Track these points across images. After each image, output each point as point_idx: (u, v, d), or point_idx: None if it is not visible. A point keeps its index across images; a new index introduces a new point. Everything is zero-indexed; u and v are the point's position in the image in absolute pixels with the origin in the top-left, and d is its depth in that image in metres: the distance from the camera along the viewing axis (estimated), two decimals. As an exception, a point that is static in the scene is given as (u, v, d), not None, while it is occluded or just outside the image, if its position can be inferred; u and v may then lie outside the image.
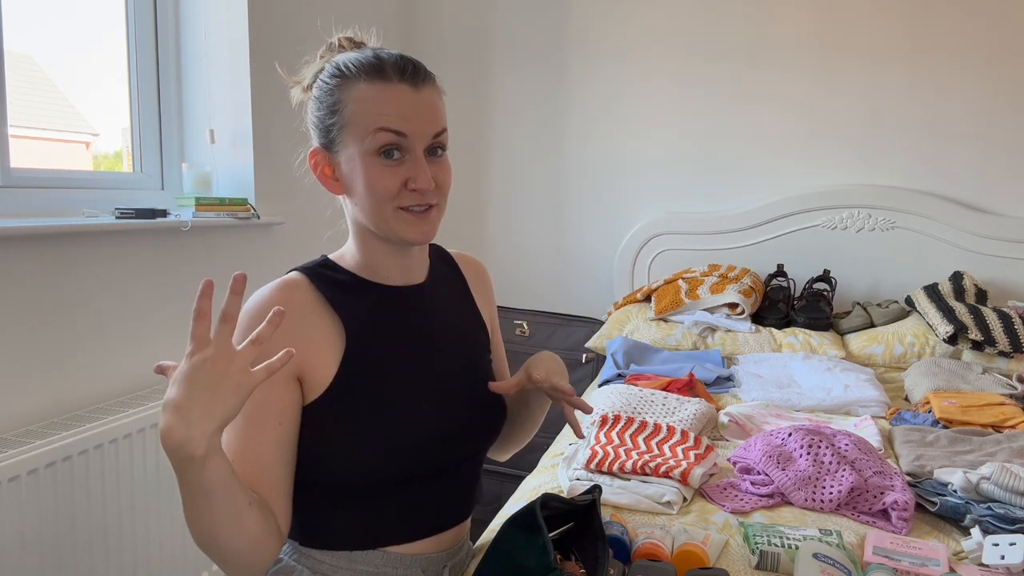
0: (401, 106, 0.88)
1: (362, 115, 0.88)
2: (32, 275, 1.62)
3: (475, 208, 3.12)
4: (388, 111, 0.87)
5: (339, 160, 0.91)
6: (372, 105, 0.88)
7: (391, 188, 0.88)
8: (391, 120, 0.87)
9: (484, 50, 3.01)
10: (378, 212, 0.90)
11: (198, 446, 0.68)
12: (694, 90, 2.80)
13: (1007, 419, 1.69)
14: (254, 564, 0.81)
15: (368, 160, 0.88)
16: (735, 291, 2.40)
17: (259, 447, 0.84)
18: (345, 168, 0.91)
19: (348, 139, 0.89)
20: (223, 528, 0.76)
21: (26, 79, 1.81)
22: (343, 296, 0.93)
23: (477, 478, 1.05)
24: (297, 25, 2.37)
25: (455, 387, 0.98)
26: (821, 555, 1.00)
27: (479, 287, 1.12)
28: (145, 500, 1.73)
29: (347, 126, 0.89)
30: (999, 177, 2.55)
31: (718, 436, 1.71)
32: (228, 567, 0.81)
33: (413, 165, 0.89)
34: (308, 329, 0.89)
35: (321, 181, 0.94)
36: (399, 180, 0.89)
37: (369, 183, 0.88)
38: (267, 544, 0.81)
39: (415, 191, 0.89)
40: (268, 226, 2.31)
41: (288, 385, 0.87)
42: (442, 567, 0.99)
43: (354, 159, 0.89)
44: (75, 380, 1.73)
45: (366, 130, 0.88)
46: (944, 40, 2.53)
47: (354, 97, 0.89)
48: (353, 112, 0.89)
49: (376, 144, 0.87)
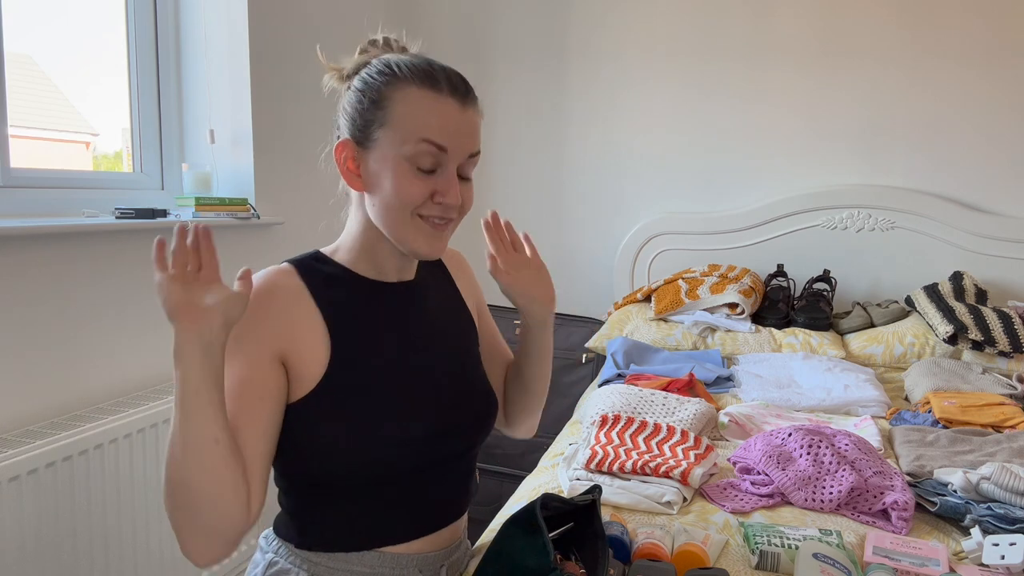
0: (447, 121, 0.87)
1: (407, 119, 0.87)
2: (32, 275, 1.62)
3: (475, 208, 3.12)
4: (435, 122, 0.87)
5: (368, 156, 0.90)
6: (420, 112, 0.87)
7: (418, 198, 0.88)
8: (436, 133, 0.87)
9: (484, 50, 3.02)
10: (397, 217, 0.89)
11: (209, 330, 0.77)
12: (694, 90, 2.80)
13: (1007, 419, 1.69)
14: (213, 523, 0.79)
15: (401, 165, 0.87)
16: (735, 291, 2.40)
17: (238, 420, 0.83)
18: (373, 166, 0.90)
19: (385, 139, 0.88)
20: (189, 453, 0.77)
21: (26, 79, 1.81)
22: (329, 290, 0.92)
23: (471, 475, 1.05)
24: (297, 25, 2.37)
25: (446, 383, 0.98)
26: (821, 555, 1.00)
27: (462, 277, 1.13)
28: (145, 500, 1.73)
29: (388, 125, 0.88)
30: (999, 177, 2.55)
31: (718, 436, 1.71)
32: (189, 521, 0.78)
33: (444, 180, 0.89)
34: (294, 317, 0.89)
35: (343, 173, 0.92)
36: (427, 191, 0.88)
37: (398, 188, 0.88)
38: (231, 500, 0.79)
39: (441, 204, 0.89)
40: (268, 226, 2.31)
41: (272, 365, 0.86)
42: (439, 566, 0.99)
43: (386, 160, 0.88)
44: (75, 380, 1.73)
45: (408, 136, 0.87)
46: (944, 40, 2.54)
47: (402, 98, 0.87)
48: (399, 114, 0.87)
49: (416, 152, 0.87)
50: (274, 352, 0.87)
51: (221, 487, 0.78)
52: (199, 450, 0.77)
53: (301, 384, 0.88)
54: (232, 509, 0.79)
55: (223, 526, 0.79)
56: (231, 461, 0.79)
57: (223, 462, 0.78)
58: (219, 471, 0.78)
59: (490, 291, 3.14)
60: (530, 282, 1.05)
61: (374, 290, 0.96)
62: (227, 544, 0.81)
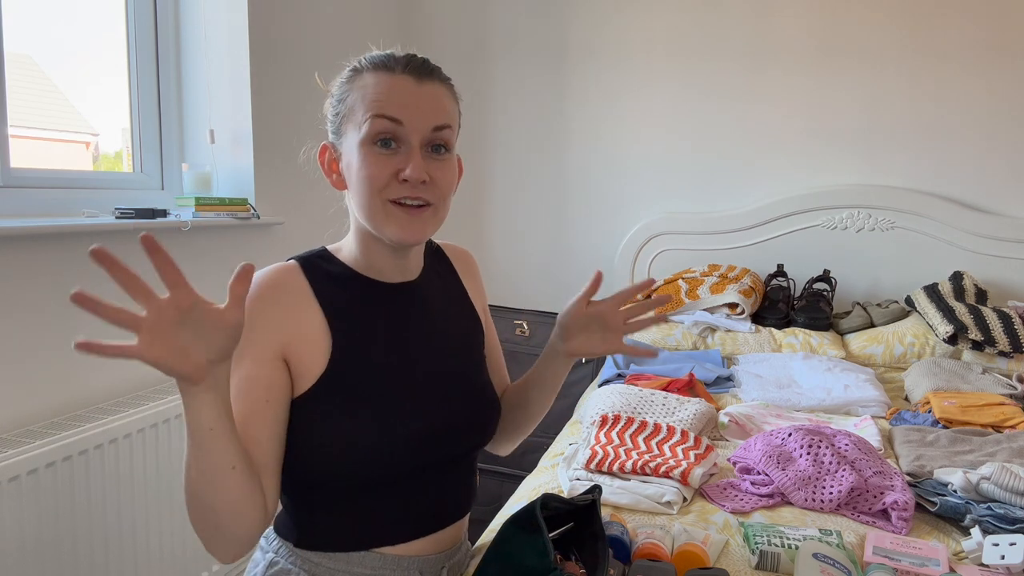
0: (400, 95, 0.88)
1: (362, 102, 0.88)
2: (32, 275, 1.62)
3: (475, 208, 3.12)
4: (387, 98, 0.87)
5: (342, 152, 0.92)
6: (372, 93, 0.88)
7: (381, 177, 0.87)
8: (387, 107, 0.87)
9: (484, 50, 3.01)
10: (369, 205, 0.88)
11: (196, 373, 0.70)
12: (694, 90, 2.80)
13: (1007, 419, 1.69)
14: (236, 533, 0.80)
15: (364, 149, 0.88)
16: (735, 291, 2.40)
17: (247, 421, 0.84)
18: (345, 160, 0.92)
19: (349, 128, 0.90)
20: (208, 481, 0.76)
21: (26, 79, 1.81)
22: (332, 289, 0.93)
23: (472, 475, 1.04)
24: (297, 25, 2.37)
25: (449, 384, 0.98)
26: (821, 555, 1.00)
27: (470, 278, 1.12)
28: (145, 500, 1.73)
29: (348, 114, 0.90)
30: (999, 177, 2.55)
31: (718, 436, 1.71)
32: (213, 533, 0.80)
33: (406, 156, 0.87)
34: (296, 314, 0.89)
35: (326, 175, 0.94)
36: (390, 169, 0.87)
37: (361, 171, 0.87)
38: (249, 514, 0.80)
39: (405, 182, 0.87)
40: (268, 226, 2.31)
41: (275, 364, 0.87)
42: (440, 568, 0.99)
43: (352, 150, 0.89)
44: (75, 380, 1.73)
45: (363, 117, 0.88)
46: (944, 40, 2.53)
47: (358, 86, 0.90)
48: (355, 100, 0.89)
49: (371, 131, 0.87)
50: (276, 350, 0.87)
51: (241, 505, 0.79)
52: (216, 478, 0.77)
53: (301, 381, 0.88)
54: (251, 518, 0.81)
55: (243, 533, 0.81)
56: (248, 480, 0.80)
57: (241, 484, 0.79)
58: (237, 492, 0.78)
59: (490, 290, 3.15)
60: (601, 341, 1.01)
61: (375, 290, 0.96)
62: (250, 543, 0.83)
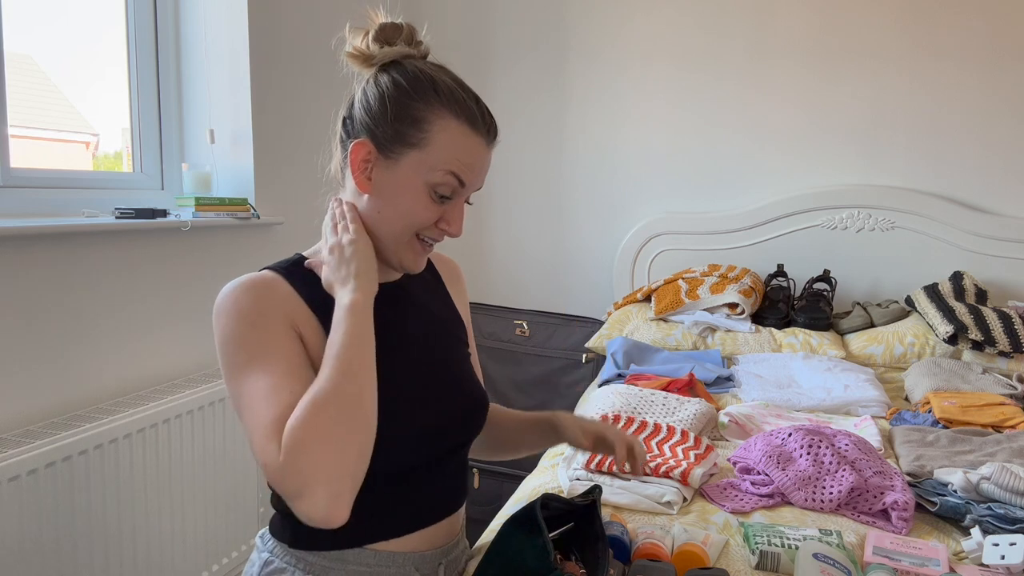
0: (476, 159, 0.91)
1: (443, 151, 0.89)
2: (32, 275, 1.62)
3: (475, 208, 3.12)
4: (466, 160, 0.90)
5: (386, 166, 0.91)
6: (456, 148, 0.89)
7: (427, 223, 0.92)
8: (464, 170, 0.90)
9: (484, 50, 3.02)
10: (399, 233, 0.92)
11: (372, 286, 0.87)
12: (694, 90, 2.80)
13: (1007, 419, 1.69)
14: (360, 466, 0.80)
15: (423, 190, 0.90)
16: (735, 291, 2.40)
17: (293, 393, 0.82)
18: (390, 178, 0.90)
19: (414, 160, 0.89)
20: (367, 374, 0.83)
21: (26, 79, 1.81)
22: (318, 292, 0.92)
23: (464, 471, 1.05)
24: (298, 25, 2.37)
25: (436, 381, 0.99)
26: (821, 555, 1.00)
27: (454, 285, 1.14)
28: (145, 500, 1.73)
29: (421, 148, 0.89)
30: (999, 177, 2.55)
31: (718, 436, 1.71)
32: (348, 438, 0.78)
33: (453, 210, 0.93)
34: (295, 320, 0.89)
35: (354, 172, 0.92)
36: (436, 216, 0.92)
37: (411, 209, 0.90)
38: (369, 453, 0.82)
39: (443, 231, 0.93)
40: (268, 226, 2.31)
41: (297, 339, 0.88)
42: (437, 564, 0.99)
43: (408, 179, 0.90)
44: (75, 380, 1.73)
45: (438, 165, 0.89)
46: (945, 40, 2.54)
47: (443, 127, 0.89)
48: (436, 143, 0.89)
49: (440, 182, 0.89)
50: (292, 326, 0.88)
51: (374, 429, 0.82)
52: (371, 368, 0.83)
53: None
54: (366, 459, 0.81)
55: (362, 469, 0.80)
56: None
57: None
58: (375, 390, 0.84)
59: (490, 290, 3.15)
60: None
61: None
62: (353, 491, 0.80)
